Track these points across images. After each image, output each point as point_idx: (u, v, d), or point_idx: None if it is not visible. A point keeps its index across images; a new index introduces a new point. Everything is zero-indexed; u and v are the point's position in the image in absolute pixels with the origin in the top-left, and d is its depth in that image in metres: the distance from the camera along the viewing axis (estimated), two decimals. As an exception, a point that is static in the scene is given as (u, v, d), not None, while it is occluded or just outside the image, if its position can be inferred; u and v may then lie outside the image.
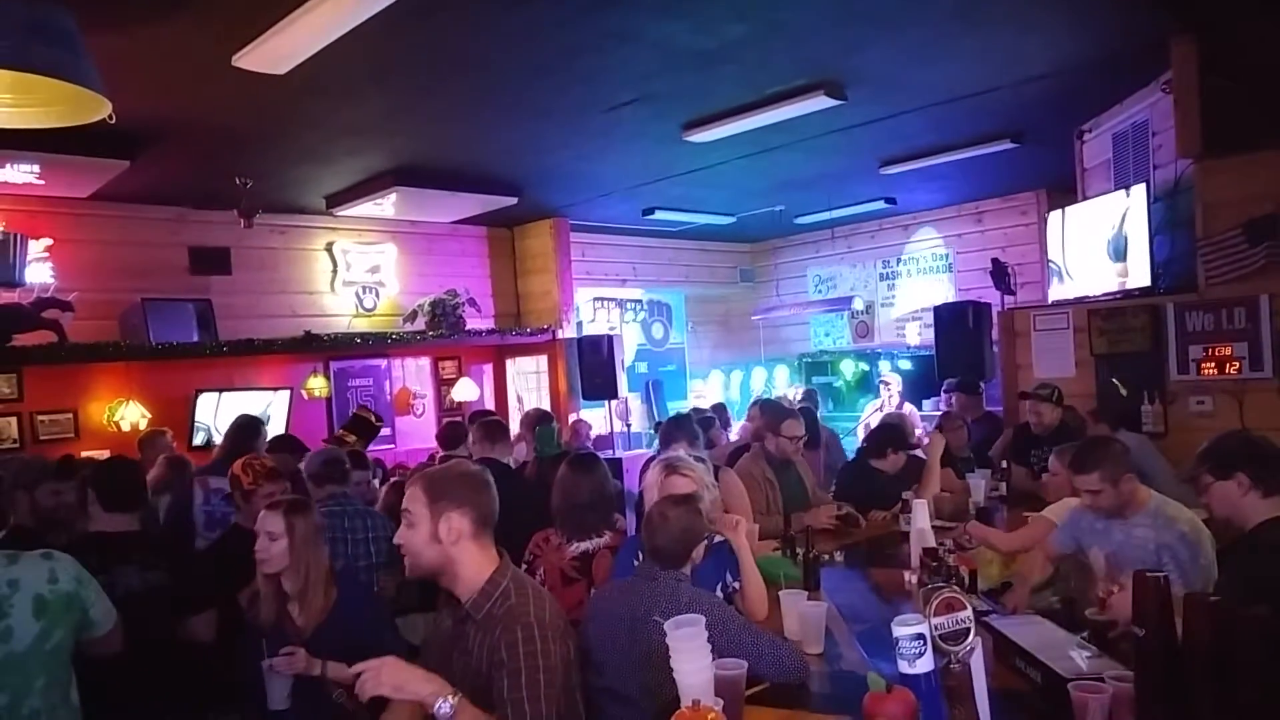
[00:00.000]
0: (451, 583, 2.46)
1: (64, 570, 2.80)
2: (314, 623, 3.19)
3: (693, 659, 2.16)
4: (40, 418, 7.32)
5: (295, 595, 3.23)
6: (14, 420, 7.21)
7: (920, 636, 1.64)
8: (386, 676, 2.24)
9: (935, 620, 1.66)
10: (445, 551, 2.42)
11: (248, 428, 6.08)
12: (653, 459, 6.57)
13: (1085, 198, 7.23)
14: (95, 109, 3.24)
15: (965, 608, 1.68)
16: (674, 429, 5.21)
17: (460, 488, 2.48)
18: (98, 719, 3.00)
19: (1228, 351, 5.67)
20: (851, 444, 8.61)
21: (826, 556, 4.38)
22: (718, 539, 3.73)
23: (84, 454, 6.73)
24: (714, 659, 2.24)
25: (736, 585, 3.51)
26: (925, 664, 1.64)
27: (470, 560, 2.44)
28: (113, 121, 3.24)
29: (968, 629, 1.67)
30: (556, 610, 2.49)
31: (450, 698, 2.20)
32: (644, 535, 3.00)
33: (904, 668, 1.65)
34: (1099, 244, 6.63)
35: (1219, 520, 3.24)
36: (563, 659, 2.38)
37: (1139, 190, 6.25)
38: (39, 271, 7.16)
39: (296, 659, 3.00)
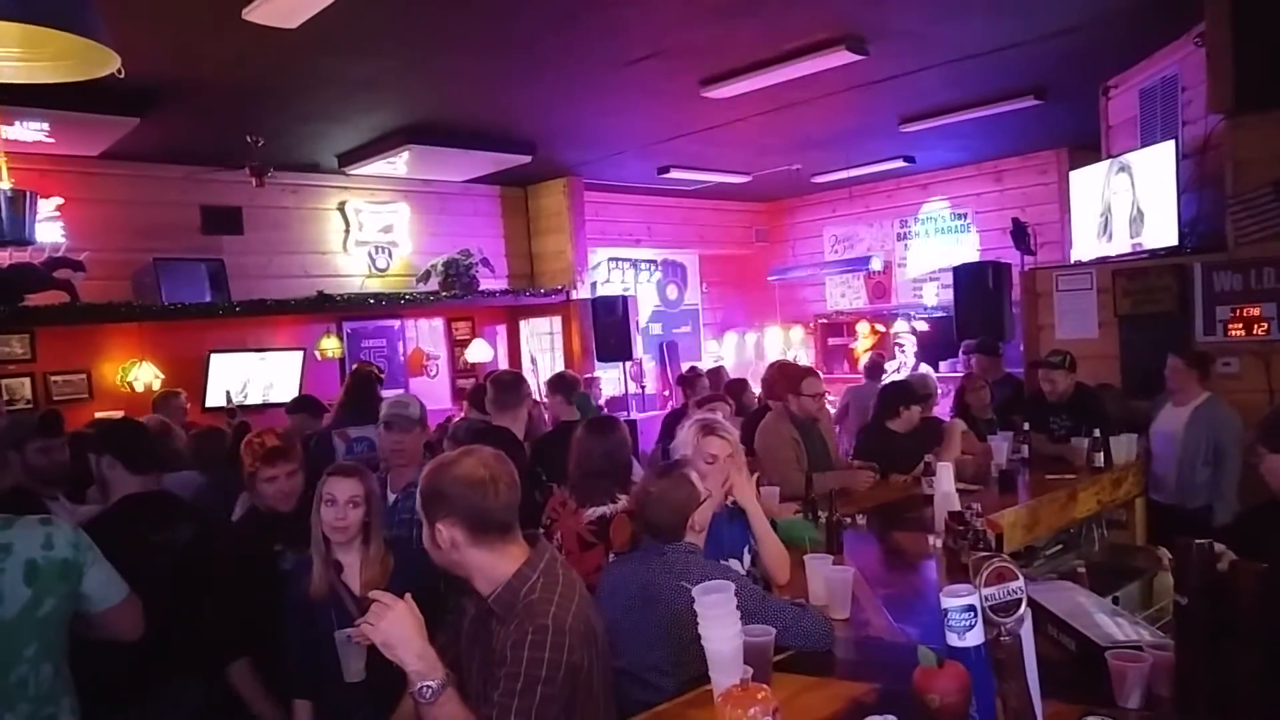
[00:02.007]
0: (471, 581, 2.27)
1: (61, 536, 2.67)
2: (374, 590, 3.09)
3: (723, 626, 2.10)
4: (53, 378, 7.32)
5: (361, 563, 3.10)
6: (27, 381, 7.20)
7: (971, 608, 1.57)
8: (385, 626, 2.06)
9: (986, 591, 1.59)
10: (448, 557, 2.23)
11: (365, 378, 6.38)
12: (675, 414, 6.57)
13: (1110, 156, 7.10)
14: (104, 63, 3.15)
15: (1017, 577, 1.61)
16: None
17: (451, 493, 2.21)
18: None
19: (1256, 312, 5.58)
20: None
21: (848, 520, 4.33)
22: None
23: (98, 415, 6.75)
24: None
25: None
26: (975, 636, 1.58)
27: (481, 563, 2.23)
28: (122, 75, 3.15)
29: (1019, 599, 1.60)
30: (584, 613, 2.24)
31: (433, 683, 2.02)
32: (636, 512, 2.92)
33: (953, 640, 1.58)
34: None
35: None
36: (575, 667, 2.13)
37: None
38: (50, 231, 7.12)
39: (374, 631, 2.91)
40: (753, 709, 1.66)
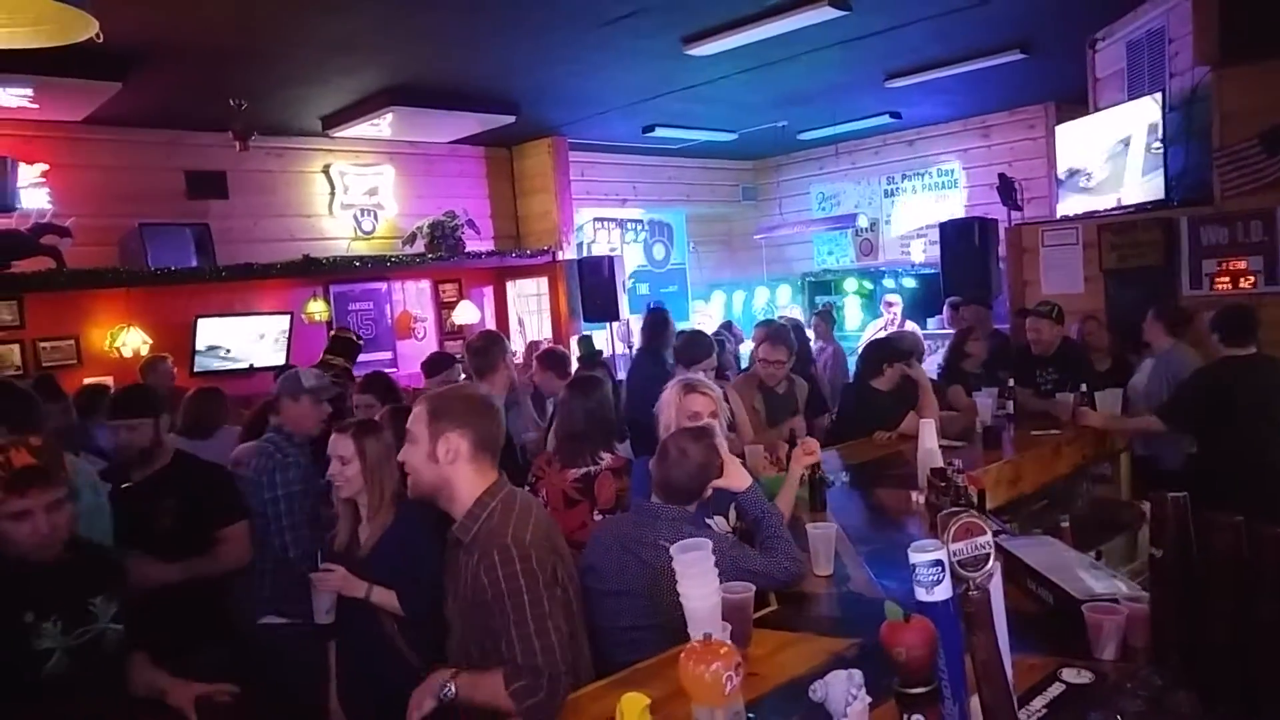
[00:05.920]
0: (449, 504, 2.43)
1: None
2: (370, 545, 3.13)
3: (700, 584, 2.12)
4: (42, 344, 7.31)
5: (370, 515, 3.19)
6: (16, 347, 7.20)
7: (938, 563, 1.59)
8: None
9: (954, 546, 1.61)
10: (441, 472, 2.39)
11: (660, 320, 6.57)
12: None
13: (1097, 109, 7.08)
14: (82, 28, 3.14)
15: (985, 532, 1.63)
16: (693, 347, 5.18)
17: (462, 409, 2.44)
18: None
19: (1242, 265, 5.59)
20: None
21: (831, 477, 4.35)
22: None
23: (88, 380, 6.76)
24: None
25: None
26: (943, 591, 1.60)
27: (465, 482, 2.41)
28: (100, 40, 3.15)
29: (987, 554, 1.62)
30: (542, 532, 2.41)
31: (450, 687, 2.27)
32: (656, 468, 2.90)
33: (921, 595, 1.61)
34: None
35: None
36: (548, 581, 2.31)
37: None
38: (36, 197, 7.10)
39: (332, 578, 3.00)
40: (715, 664, 1.69)
